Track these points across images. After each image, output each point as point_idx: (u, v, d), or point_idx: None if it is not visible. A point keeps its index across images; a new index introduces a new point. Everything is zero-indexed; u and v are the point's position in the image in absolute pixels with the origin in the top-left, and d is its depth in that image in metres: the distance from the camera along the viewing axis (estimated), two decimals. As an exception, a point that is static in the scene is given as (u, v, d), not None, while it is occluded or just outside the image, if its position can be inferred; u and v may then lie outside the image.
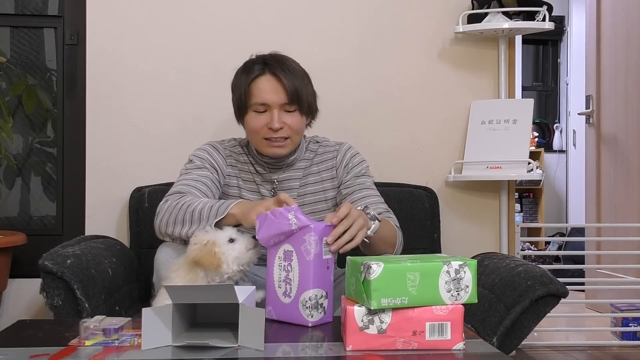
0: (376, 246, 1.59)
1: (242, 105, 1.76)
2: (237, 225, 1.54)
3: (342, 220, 1.38)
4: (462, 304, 1.18)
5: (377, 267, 1.13)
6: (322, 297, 1.34)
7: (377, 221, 1.53)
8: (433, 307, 1.16)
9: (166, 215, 1.63)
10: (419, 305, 1.16)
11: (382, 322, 1.16)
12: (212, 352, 1.14)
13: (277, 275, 1.38)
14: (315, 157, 1.87)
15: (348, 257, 1.28)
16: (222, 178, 1.82)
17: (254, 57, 1.78)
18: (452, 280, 1.17)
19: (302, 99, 1.72)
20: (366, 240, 1.49)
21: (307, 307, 1.33)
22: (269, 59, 1.74)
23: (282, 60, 1.74)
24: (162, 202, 1.68)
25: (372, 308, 1.13)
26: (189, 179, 1.74)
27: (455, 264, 1.17)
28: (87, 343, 1.20)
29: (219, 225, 1.53)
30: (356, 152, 1.89)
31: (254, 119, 1.74)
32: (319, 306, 1.34)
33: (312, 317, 1.33)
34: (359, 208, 1.49)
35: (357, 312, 1.16)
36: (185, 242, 1.58)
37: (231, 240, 1.46)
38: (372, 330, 1.16)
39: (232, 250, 1.45)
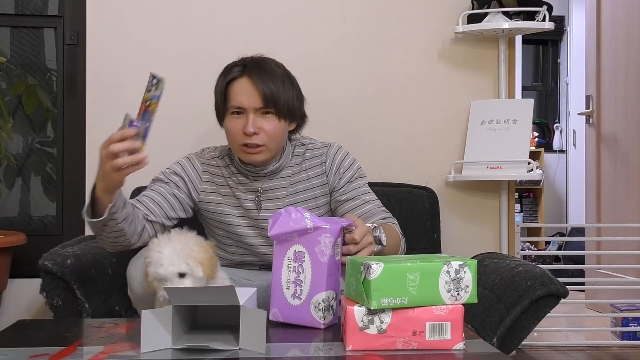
0: None
1: (220, 108, 1.75)
2: None
3: (355, 242, 1.39)
4: (462, 304, 1.18)
5: (377, 267, 1.13)
6: (332, 299, 1.33)
7: (381, 246, 1.53)
8: (433, 307, 1.16)
9: None
10: (419, 305, 1.16)
11: (382, 322, 1.16)
12: (212, 355, 1.13)
13: (286, 277, 1.35)
14: (303, 162, 1.80)
15: (348, 257, 1.28)
16: (194, 193, 1.79)
17: (238, 59, 1.75)
18: (452, 280, 1.17)
19: (280, 103, 1.67)
20: None
21: (319, 310, 1.31)
22: (249, 62, 1.70)
23: (262, 63, 1.70)
24: None
25: (372, 308, 1.13)
26: (143, 196, 1.75)
27: (455, 264, 1.17)
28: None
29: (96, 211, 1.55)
30: (345, 153, 1.82)
31: (231, 123, 1.71)
32: (330, 308, 1.33)
33: (324, 319, 1.31)
34: (368, 224, 1.48)
35: (357, 312, 1.16)
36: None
37: (181, 275, 1.32)
38: (372, 330, 1.15)
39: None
